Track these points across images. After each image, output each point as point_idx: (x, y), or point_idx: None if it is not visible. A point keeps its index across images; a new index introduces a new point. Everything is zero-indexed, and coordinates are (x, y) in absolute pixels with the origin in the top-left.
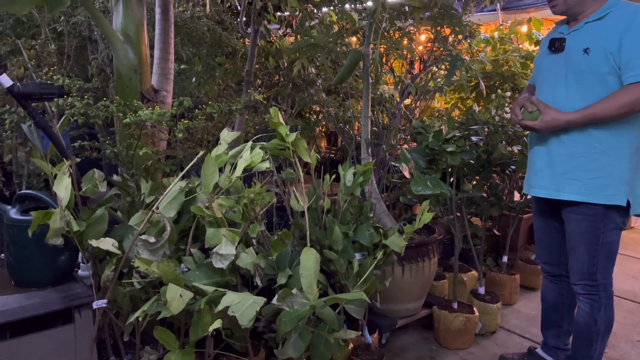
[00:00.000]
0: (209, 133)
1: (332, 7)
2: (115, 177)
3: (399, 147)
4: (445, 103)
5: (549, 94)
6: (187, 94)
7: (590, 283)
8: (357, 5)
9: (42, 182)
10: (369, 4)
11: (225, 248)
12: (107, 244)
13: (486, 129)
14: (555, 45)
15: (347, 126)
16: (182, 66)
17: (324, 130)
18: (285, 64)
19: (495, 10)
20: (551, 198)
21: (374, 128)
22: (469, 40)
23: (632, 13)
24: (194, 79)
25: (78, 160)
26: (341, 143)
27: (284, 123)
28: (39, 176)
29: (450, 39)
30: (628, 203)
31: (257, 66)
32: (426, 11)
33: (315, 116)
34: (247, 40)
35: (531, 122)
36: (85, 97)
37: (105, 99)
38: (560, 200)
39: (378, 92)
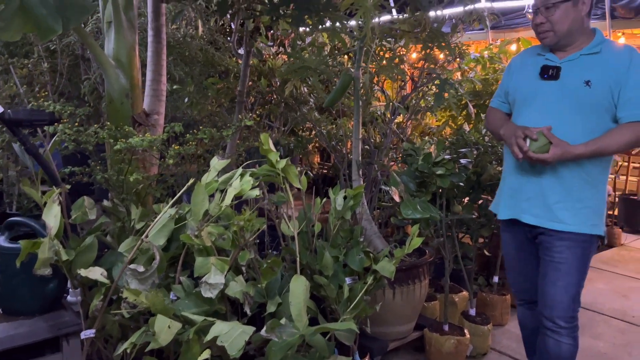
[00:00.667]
0: (202, 148)
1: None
2: (105, 203)
3: (392, 163)
4: (436, 121)
5: (541, 122)
6: (179, 114)
7: (572, 314)
8: (348, 29)
9: (32, 202)
10: (355, 23)
11: (214, 277)
12: (96, 273)
13: (475, 151)
14: (550, 72)
15: (339, 144)
16: (175, 86)
17: (317, 145)
18: (278, 83)
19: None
20: (541, 226)
21: (366, 146)
22: (458, 61)
23: (628, 52)
24: (186, 99)
25: (68, 187)
26: (334, 160)
27: (274, 149)
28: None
29: (440, 60)
30: (604, 233)
31: (250, 83)
32: (416, 35)
33: (308, 133)
34: (239, 59)
35: (542, 155)
36: (76, 123)
37: (99, 119)
38: (548, 229)
39: (370, 110)
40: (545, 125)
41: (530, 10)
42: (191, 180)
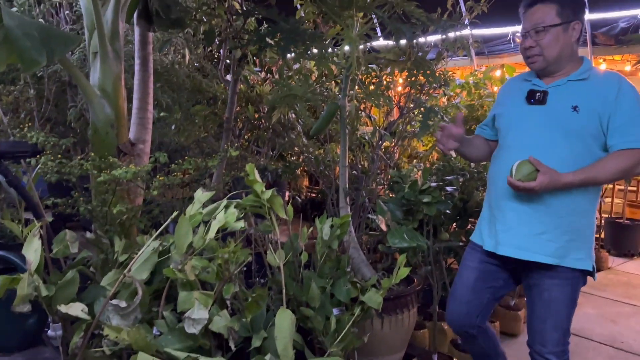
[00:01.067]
0: (188, 175)
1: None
2: (88, 235)
3: (379, 188)
4: (423, 145)
5: (527, 147)
6: (167, 139)
7: (563, 348)
8: (334, 56)
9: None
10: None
11: (197, 312)
12: (77, 309)
13: (461, 179)
14: (536, 97)
15: (327, 169)
16: (162, 113)
17: (305, 169)
18: (266, 109)
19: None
20: (522, 259)
21: (354, 172)
22: (443, 88)
23: (617, 81)
24: (173, 126)
25: (51, 219)
26: (322, 184)
27: (259, 180)
28: None
29: (425, 87)
30: (593, 268)
31: (238, 109)
32: (401, 64)
33: (296, 157)
34: (227, 86)
35: (530, 183)
36: (59, 155)
37: (86, 145)
38: (529, 261)
39: (358, 134)
40: (531, 150)
41: (519, 34)
42: (175, 213)
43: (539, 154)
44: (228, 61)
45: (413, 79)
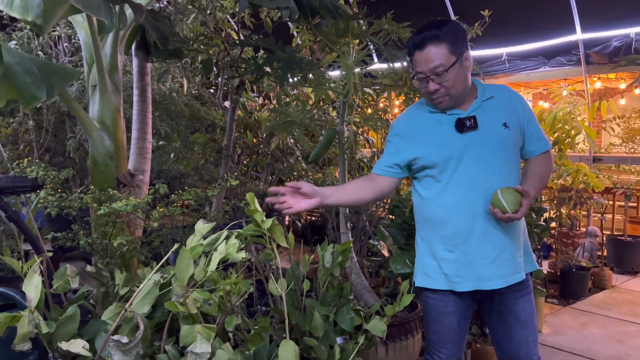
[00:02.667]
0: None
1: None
2: (88, 268)
3: (380, 210)
4: None
5: (479, 174)
6: (166, 167)
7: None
8: (331, 82)
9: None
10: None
11: (200, 346)
12: (78, 346)
13: None
14: (467, 124)
15: None
16: (161, 142)
17: None
18: (265, 135)
19: None
20: (506, 285)
21: None
22: None
23: (514, 92)
24: (172, 155)
25: (51, 253)
26: (322, 208)
27: (260, 209)
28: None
29: None
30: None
31: (236, 134)
32: (398, 88)
33: (296, 181)
34: (225, 114)
35: (522, 210)
36: (59, 190)
37: (85, 176)
38: (510, 285)
39: (357, 157)
40: (485, 177)
41: (419, 77)
42: (176, 245)
43: (495, 177)
44: (226, 88)
45: (410, 103)
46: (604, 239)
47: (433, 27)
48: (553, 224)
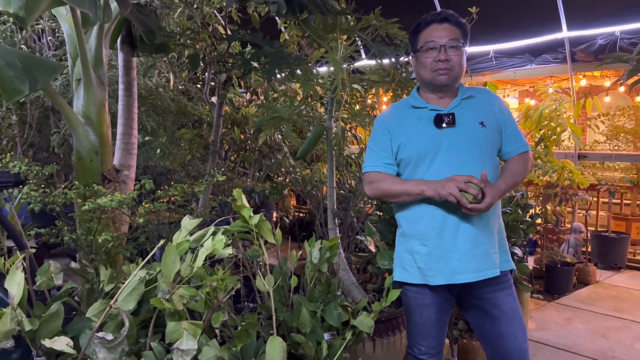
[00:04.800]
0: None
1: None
2: (73, 264)
3: (367, 206)
4: None
5: (453, 169)
6: (152, 163)
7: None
8: (319, 78)
9: None
10: (327, 72)
11: (186, 343)
12: (62, 344)
13: None
14: (445, 120)
15: (315, 190)
16: (147, 137)
17: (292, 189)
18: (252, 131)
19: None
20: (480, 280)
21: (341, 191)
22: None
23: (493, 94)
24: (158, 150)
25: (34, 250)
26: (310, 204)
27: (247, 205)
28: None
29: None
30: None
31: (224, 130)
32: (386, 85)
33: (283, 178)
34: (212, 110)
35: (486, 201)
36: (42, 185)
37: (70, 171)
38: (484, 280)
39: (345, 154)
40: (460, 172)
41: (431, 46)
42: (162, 241)
43: (469, 173)
44: (213, 84)
45: (398, 99)
46: (589, 235)
47: (453, 13)
48: (539, 220)
